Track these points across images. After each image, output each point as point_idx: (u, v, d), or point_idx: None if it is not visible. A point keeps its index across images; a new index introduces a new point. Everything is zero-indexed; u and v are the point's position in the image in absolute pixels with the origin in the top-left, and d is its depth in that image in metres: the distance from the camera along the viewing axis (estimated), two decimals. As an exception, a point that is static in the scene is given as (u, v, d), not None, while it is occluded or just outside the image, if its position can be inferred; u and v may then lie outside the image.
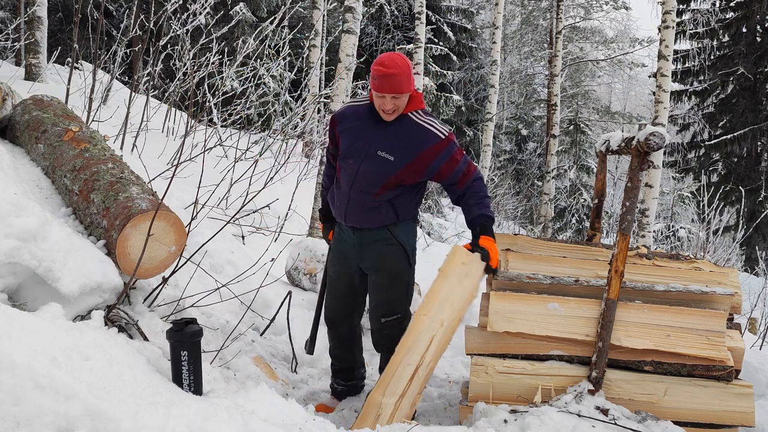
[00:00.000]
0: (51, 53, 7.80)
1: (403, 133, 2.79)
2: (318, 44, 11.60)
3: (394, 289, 2.99)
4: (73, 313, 2.43)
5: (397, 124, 2.81)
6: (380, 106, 2.76)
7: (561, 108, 20.89)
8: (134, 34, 6.52)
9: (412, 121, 2.80)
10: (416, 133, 2.79)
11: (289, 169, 6.67)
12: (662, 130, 2.63)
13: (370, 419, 2.57)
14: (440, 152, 2.79)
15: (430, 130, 2.79)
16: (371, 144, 2.82)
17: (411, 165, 2.80)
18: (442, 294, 2.71)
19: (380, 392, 2.60)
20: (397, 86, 2.68)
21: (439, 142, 2.78)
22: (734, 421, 2.73)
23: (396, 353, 2.67)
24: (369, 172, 2.83)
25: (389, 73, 2.65)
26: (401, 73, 2.67)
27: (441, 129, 2.81)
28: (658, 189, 8.80)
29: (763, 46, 16.45)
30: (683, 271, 2.93)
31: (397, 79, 2.67)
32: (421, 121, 2.80)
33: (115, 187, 2.81)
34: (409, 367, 2.63)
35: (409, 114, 2.81)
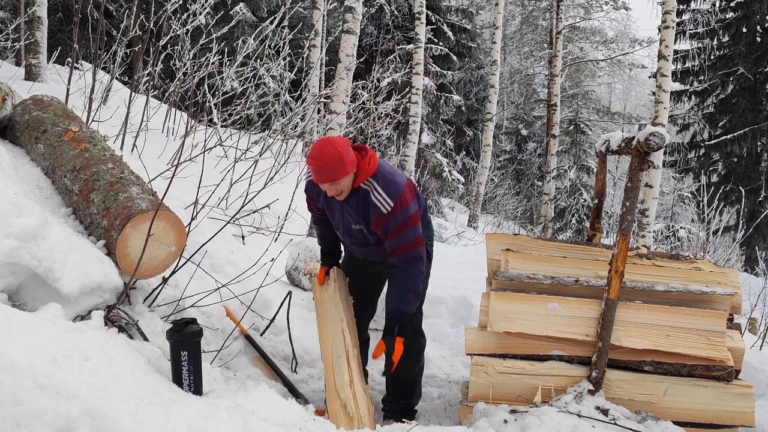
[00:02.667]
0: (51, 53, 7.79)
1: (360, 206, 2.87)
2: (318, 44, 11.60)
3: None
4: (73, 313, 2.43)
5: (353, 198, 2.87)
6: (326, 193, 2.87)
7: (561, 108, 20.88)
8: (134, 34, 6.51)
9: (364, 192, 2.85)
10: (367, 205, 2.85)
11: (289, 169, 6.67)
12: (662, 130, 2.63)
13: (343, 420, 2.63)
14: (382, 223, 2.83)
15: (376, 203, 2.81)
16: (344, 220, 2.96)
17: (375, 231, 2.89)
18: (326, 310, 3.08)
19: (335, 395, 2.72)
20: (329, 176, 2.73)
21: (380, 215, 2.81)
22: (734, 421, 2.73)
23: (324, 360, 2.91)
24: (356, 240, 3.00)
25: (318, 166, 2.72)
26: (330, 162, 2.70)
27: (385, 202, 2.80)
28: (658, 189, 8.80)
29: (763, 46, 16.44)
30: (683, 271, 2.93)
31: (328, 169, 2.71)
32: (371, 193, 2.82)
33: (115, 187, 2.81)
34: (341, 358, 2.81)
35: (361, 186, 2.85)
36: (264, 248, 4.33)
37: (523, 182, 21.31)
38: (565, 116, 21.56)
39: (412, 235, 2.82)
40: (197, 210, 3.12)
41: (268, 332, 3.61)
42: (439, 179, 14.92)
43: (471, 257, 8.51)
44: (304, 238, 4.87)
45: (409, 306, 2.87)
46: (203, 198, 4.31)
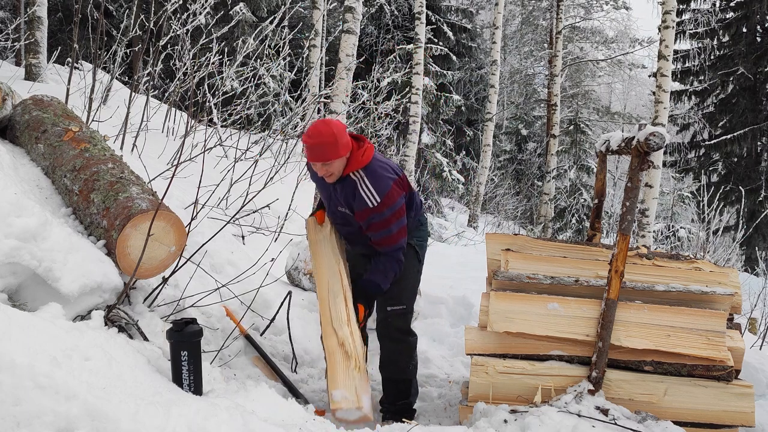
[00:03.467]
0: (51, 53, 7.79)
1: (347, 193, 2.92)
2: (318, 44, 11.60)
3: (403, 282, 3.08)
4: (73, 313, 2.43)
5: (342, 184, 2.92)
6: (317, 172, 2.91)
7: (561, 108, 20.88)
8: (134, 34, 6.51)
9: (352, 182, 2.89)
10: (354, 195, 2.88)
11: (289, 169, 6.67)
12: (662, 130, 2.63)
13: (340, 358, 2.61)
14: (366, 216, 2.87)
15: (363, 196, 2.84)
16: (332, 201, 3.02)
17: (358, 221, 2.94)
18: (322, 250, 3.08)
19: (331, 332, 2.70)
20: (321, 155, 2.77)
21: (366, 209, 2.85)
22: (734, 421, 2.73)
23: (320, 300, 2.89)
24: (340, 221, 3.06)
25: (311, 144, 2.77)
26: (324, 142, 2.75)
27: (373, 197, 2.83)
28: (658, 189, 8.80)
29: (763, 46, 16.44)
30: (683, 271, 2.93)
31: (321, 148, 2.76)
32: (359, 184, 2.87)
33: (115, 187, 2.81)
34: (338, 297, 2.81)
35: (350, 175, 2.88)
36: (264, 248, 4.33)
37: (523, 182, 21.31)
38: (565, 116, 21.56)
39: (396, 228, 2.89)
40: (197, 210, 3.12)
41: (268, 332, 3.61)
42: (439, 179, 14.93)
43: (471, 257, 8.51)
44: (304, 238, 4.87)
45: (385, 284, 2.95)
46: (203, 198, 4.30)
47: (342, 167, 2.86)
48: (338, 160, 2.81)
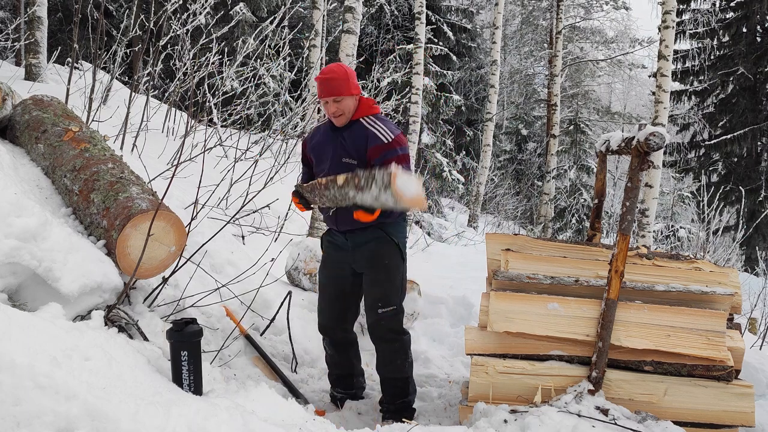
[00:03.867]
0: (51, 53, 7.79)
1: (356, 137, 2.95)
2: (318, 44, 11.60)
3: (390, 283, 3.05)
4: (73, 313, 2.43)
5: (350, 130, 2.97)
6: (326, 112, 2.97)
7: (561, 108, 20.88)
8: (134, 34, 6.51)
9: (361, 126, 2.96)
10: (365, 136, 2.93)
11: (289, 169, 6.67)
12: (662, 130, 2.63)
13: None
14: (380, 152, 2.89)
15: (376, 134, 2.91)
16: (335, 153, 2.99)
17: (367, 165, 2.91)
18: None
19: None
20: (334, 89, 2.88)
21: (380, 144, 2.89)
22: (734, 421, 2.73)
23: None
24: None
25: (325, 78, 2.89)
26: (337, 77, 2.89)
27: (387, 133, 2.90)
28: (658, 189, 8.80)
29: (763, 46, 16.44)
30: (683, 271, 2.93)
31: (334, 82, 2.88)
32: (370, 126, 2.95)
33: (115, 187, 2.81)
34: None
35: (360, 119, 2.97)
36: (264, 248, 4.33)
37: (523, 182, 21.31)
38: (565, 116, 21.55)
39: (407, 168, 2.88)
40: (197, 210, 3.12)
41: (268, 332, 3.61)
42: (439, 179, 14.92)
43: (471, 257, 8.51)
44: (304, 238, 4.88)
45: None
46: (203, 198, 4.31)
47: (352, 109, 2.95)
48: (349, 98, 2.92)
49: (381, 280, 3.04)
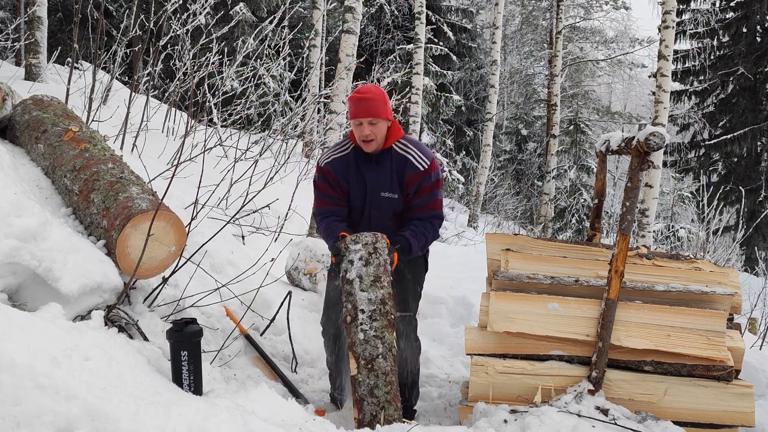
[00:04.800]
0: (51, 53, 7.79)
1: (393, 167, 2.89)
2: (318, 44, 11.61)
3: (412, 289, 3.06)
4: (73, 313, 2.43)
5: (385, 160, 2.89)
6: (359, 136, 2.84)
7: (561, 108, 20.88)
8: (134, 34, 6.52)
9: (396, 153, 2.90)
10: (401, 163, 2.89)
11: (289, 169, 6.67)
12: (662, 130, 2.63)
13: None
14: (417, 181, 2.88)
15: (410, 160, 2.88)
16: (371, 187, 2.91)
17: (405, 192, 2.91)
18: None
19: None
20: (373, 110, 2.78)
21: (417, 172, 2.87)
22: (734, 421, 2.73)
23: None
24: (380, 212, 2.95)
25: (363, 98, 2.78)
26: (376, 98, 2.80)
27: (422, 159, 2.88)
28: (658, 189, 8.80)
29: (763, 46, 16.44)
30: (683, 271, 2.93)
31: (373, 103, 2.78)
32: (404, 152, 2.90)
33: (115, 187, 2.81)
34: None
35: (394, 146, 2.91)
36: (264, 248, 4.33)
37: (523, 182, 21.32)
38: (565, 116, 21.56)
39: (440, 196, 2.92)
40: (197, 210, 3.12)
41: (268, 332, 3.61)
42: (439, 179, 14.90)
43: (471, 257, 8.51)
44: (304, 238, 4.88)
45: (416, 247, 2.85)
46: (203, 198, 4.31)
47: (384, 135, 2.86)
48: (384, 122, 2.84)
49: (404, 285, 2.98)
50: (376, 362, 2.60)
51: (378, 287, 2.67)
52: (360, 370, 2.61)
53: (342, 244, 2.74)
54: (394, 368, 2.64)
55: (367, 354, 2.61)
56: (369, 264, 2.69)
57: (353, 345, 2.63)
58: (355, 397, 2.61)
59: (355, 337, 2.63)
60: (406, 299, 3.01)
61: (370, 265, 2.69)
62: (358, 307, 2.65)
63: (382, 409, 2.59)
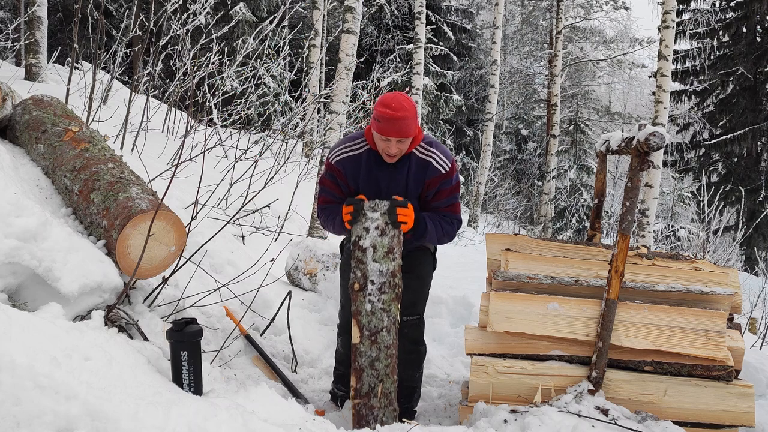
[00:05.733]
0: (51, 53, 7.80)
1: (411, 174, 2.79)
2: (318, 44, 11.61)
3: (420, 291, 3.02)
4: (73, 313, 2.43)
5: (404, 167, 2.79)
6: (384, 149, 2.71)
7: (561, 108, 20.89)
8: (134, 34, 6.52)
9: (416, 158, 2.80)
10: (421, 168, 2.79)
11: (289, 169, 6.67)
12: (662, 130, 2.63)
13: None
14: (437, 183, 2.82)
15: (432, 163, 2.79)
16: (385, 191, 2.81)
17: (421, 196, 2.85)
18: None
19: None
20: (404, 130, 2.62)
21: (439, 175, 2.80)
22: (734, 421, 2.73)
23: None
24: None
25: (396, 117, 2.57)
26: (408, 116, 2.60)
27: (443, 161, 2.80)
28: (658, 189, 8.80)
29: (763, 46, 16.45)
30: (683, 271, 2.93)
31: (404, 122, 2.60)
32: (424, 156, 2.80)
33: (115, 187, 2.81)
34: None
35: (414, 151, 2.80)
36: (264, 248, 4.34)
37: (523, 182, 21.32)
38: (565, 116, 21.57)
39: (458, 200, 2.89)
40: (197, 210, 3.12)
41: (268, 332, 3.61)
42: (439, 179, 14.90)
43: (471, 257, 8.52)
44: (304, 238, 4.88)
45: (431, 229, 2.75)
46: (203, 198, 4.31)
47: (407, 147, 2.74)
48: (411, 138, 2.70)
49: (412, 287, 2.93)
50: (380, 335, 2.64)
51: (390, 259, 2.67)
52: (362, 341, 2.65)
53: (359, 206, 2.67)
54: (396, 340, 2.67)
55: (372, 326, 2.65)
56: (384, 235, 2.67)
57: (358, 314, 2.66)
58: (355, 365, 2.66)
59: (362, 307, 2.66)
60: (415, 302, 2.97)
61: (385, 236, 2.67)
62: (368, 277, 2.66)
63: (380, 381, 2.64)
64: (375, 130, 2.67)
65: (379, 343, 2.64)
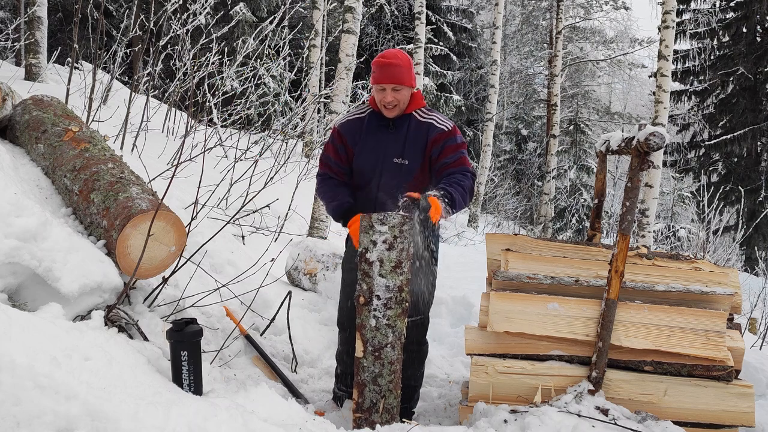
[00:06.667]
0: (51, 53, 7.80)
1: (410, 134, 2.84)
2: (318, 44, 11.61)
3: (425, 288, 3.01)
4: (73, 313, 2.43)
5: (403, 127, 2.84)
6: (381, 100, 2.79)
7: (561, 108, 20.89)
8: (134, 34, 6.52)
9: (416, 120, 2.86)
10: (422, 129, 2.84)
11: (289, 169, 6.67)
12: (662, 130, 2.63)
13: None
14: (441, 141, 2.84)
15: (433, 123, 2.85)
16: (384, 152, 2.85)
17: (423, 161, 2.85)
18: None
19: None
20: (397, 76, 2.72)
21: (442, 133, 2.84)
22: (734, 421, 2.73)
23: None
24: (389, 179, 2.85)
25: (389, 63, 2.71)
26: (401, 64, 2.73)
27: (445, 122, 2.87)
28: (658, 189, 8.80)
29: (763, 46, 16.45)
30: (683, 271, 2.93)
31: (398, 69, 2.72)
32: (424, 118, 2.87)
33: (115, 187, 2.81)
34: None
35: (413, 113, 2.87)
36: (264, 248, 4.34)
37: (523, 182, 21.32)
38: (565, 116, 21.57)
39: (467, 156, 2.86)
40: (197, 210, 3.12)
41: (268, 332, 3.61)
42: (439, 179, 14.90)
43: (471, 257, 8.53)
44: (304, 238, 4.88)
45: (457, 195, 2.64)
46: (203, 198, 4.31)
47: (407, 101, 2.82)
48: (407, 89, 2.78)
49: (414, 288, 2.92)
50: (383, 351, 2.62)
51: (398, 274, 2.62)
52: (366, 356, 2.64)
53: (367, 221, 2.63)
54: (401, 356, 2.66)
55: (377, 342, 2.63)
56: (392, 249, 2.61)
57: (362, 328, 2.64)
58: (358, 380, 2.64)
59: (366, 321, 2.63)
60: (416, 302, 2.95)
61: (393, 250, 2.61)
62: (374, 292, 2.63)
63: (382, 397, 2.63)
64: (371, 82, 2.80)
65: (382, 359, 2.62)
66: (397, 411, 2.68)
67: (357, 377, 2.65)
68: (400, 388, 2.67)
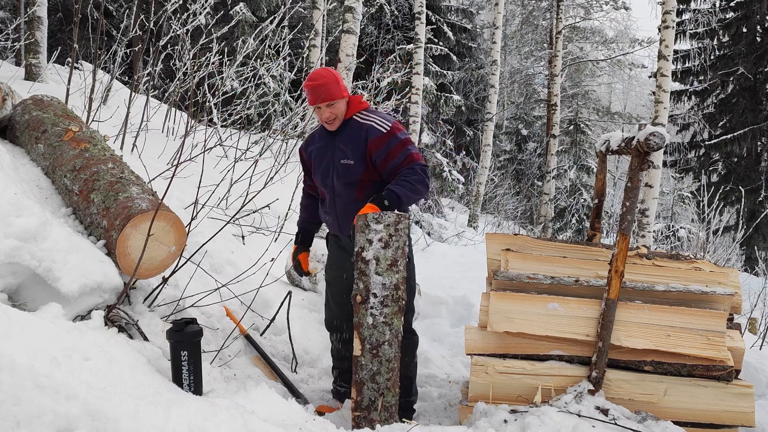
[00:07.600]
0: (51, 53, 7.79)
1: (351, 136, 2.96)
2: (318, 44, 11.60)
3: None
4: (73, 313, 2.43)
5: (345, 130, 2.98)
6: (320, 118, 2.98)
7: (561, 108, 20.88)
8: (134, 34, 6.52)
9: (355, 122, 2.98)
10: (361, 131, 2.95)
11: (289, 169, 6.67)
12: (662, 130, 2.63)
13: None
14: (381, 146, 2.89)
15: (373, 125, 2.93)
16: (333, 156, 3.00)
17: (366, 161, 2.93)
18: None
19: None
20: (327, 94, 2.88)
21: (380, 135, 2.90)
22: (734, 421, 2.73)
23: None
24: (340, 181, 2.98)
25: (317, 84, 2.88)
26: (327, 82, 2.89)
27: (383, 123, 2.93)
28: (658, 189, 8.80)
29: (763, 46, 16.44)
30: (683, 271, 2.93)
31: (325, 87, 2.88)
32: (364, 120, 2.97)
33: (115, 187, 2.81)
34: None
35: (354, 117, 2.99)
36: (264, 248, 4.33)
37: (523, 182, 21.31)
38: (565, 116, 21.57)
39: (414, 150, 2.91)
40: (197, 210, 3.12)
41: (268, 332, 3.61)
42: (439, 179, 14.92)
43: (471, 257, 8.53)
44: (304, 238, 4.86)
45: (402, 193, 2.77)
46: (203, 198, 4.31)
47: (344, 111, 2.97)
48: (341, 100, 2.93)
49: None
50: (381, 349, 2.64)
51: (394, 272, 2.67)
52: (364, 354, 2.65)
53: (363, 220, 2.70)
54: (398, 354, 2.68)
55: (374, 340, 2.65)
56: (388, 247, 2.67)
57: (360, 326, 2.66)
58: (356, 378, 2.66)
59: (364, 320, 2.66)
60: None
61: (388, 248, 2.67)
62: (370, 290, 2.66)
63: (381, 395, 2.64)
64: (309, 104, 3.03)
65: (380, 356, 2.64)
66: (396, 409, 2.69)
67: (355, 375, 2.66)
68: (398, 386, 2.68)
